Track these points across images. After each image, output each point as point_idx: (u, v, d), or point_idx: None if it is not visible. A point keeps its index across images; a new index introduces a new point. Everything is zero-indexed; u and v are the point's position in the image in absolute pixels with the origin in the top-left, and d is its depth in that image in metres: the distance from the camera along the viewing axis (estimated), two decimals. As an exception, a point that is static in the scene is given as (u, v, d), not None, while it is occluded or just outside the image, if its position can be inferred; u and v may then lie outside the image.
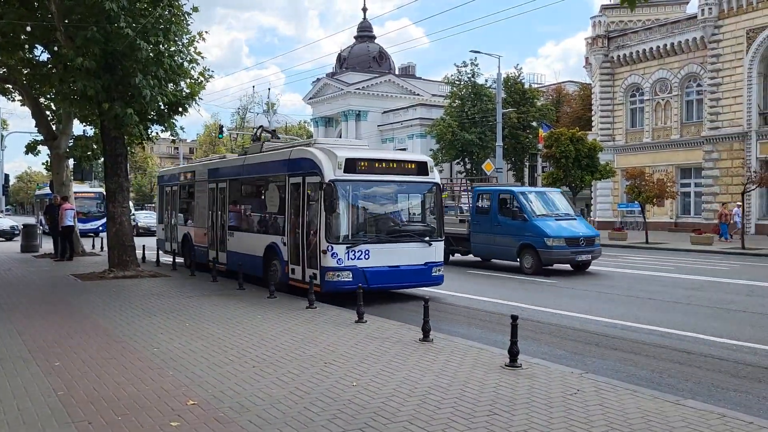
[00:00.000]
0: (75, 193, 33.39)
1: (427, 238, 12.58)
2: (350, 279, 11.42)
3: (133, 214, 41.73)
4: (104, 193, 34.34)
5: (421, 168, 12.68)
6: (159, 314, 10.49)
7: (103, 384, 6.40)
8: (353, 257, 11.54)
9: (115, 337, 8.65)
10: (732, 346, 8.83)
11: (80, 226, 30.25)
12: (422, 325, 8.45)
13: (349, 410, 5.61)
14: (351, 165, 11.76)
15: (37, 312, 10.70)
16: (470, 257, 20.73)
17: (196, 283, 14.78)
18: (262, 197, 14.48)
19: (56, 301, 12.09)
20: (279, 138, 17.57)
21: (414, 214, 13.30)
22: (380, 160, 12.32)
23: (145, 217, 41.74)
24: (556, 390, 6.22)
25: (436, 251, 12.62)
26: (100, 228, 36.08)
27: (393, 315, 10.67)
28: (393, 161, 12.55)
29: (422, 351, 7.84)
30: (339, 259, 11.44)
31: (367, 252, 11.70)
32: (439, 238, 12.81)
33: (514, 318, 7.13)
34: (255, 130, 17.30)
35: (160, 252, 20.55)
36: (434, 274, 12.66)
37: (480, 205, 19.71)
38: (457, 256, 20.99)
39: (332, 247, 11.37)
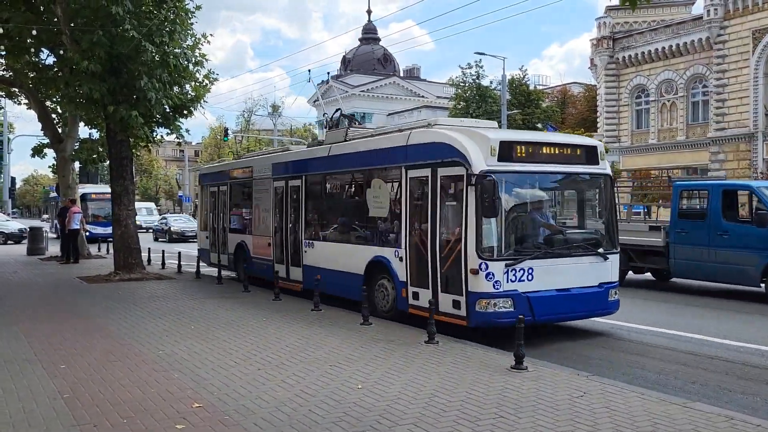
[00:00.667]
0: (91, 194, 33.52)
1: (601, 250, 9.45)
2: (510, 309, 8.43)
3: (164, 218, 40.88)
4: None
5: (591, 155, 9.59)
6: (164, 317, 10.50)
7: (108, 386, 6.41)
8: (513, 278, 8.56)
9: (121, 340, 8.66)
10: (738, 348, 8.78)
11: (99, 230, 30.28)
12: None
13: (354, 413, 5.60)
14: (507, 150, 8.72)
15: (42, 314, 10.73)
16: (647, 275, 15.97)
17: (201, 285, 14.79)
18: (360, 197, 11.48)
19: (62, 303, 12.12)
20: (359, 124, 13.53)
21: (582, 216, 10.37)
22: (545, 144, 9.30)
23: (178, 221, 39.20)
24: (562, 393, 6.19)
25: (611, 268, 9.53)
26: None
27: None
28: (560, 145, 9.49)
29: (428, 353, 7.81)
30: (496, 282, 8.39)
31: (530, 271, 8.67)
32: (615, 250, 9.68)
33: (519, 320, 7.10)
34: (332, 114, 14.09)
35: (201, 263, 17.21)
36: (611, 299, 9.47)
37: (686, 207, 14.99)
38: (634, 275, 15.84)
39: (486, 265, 8.34)
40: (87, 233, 27.44)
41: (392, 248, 10.05)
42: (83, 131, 23.78)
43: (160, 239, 36.92)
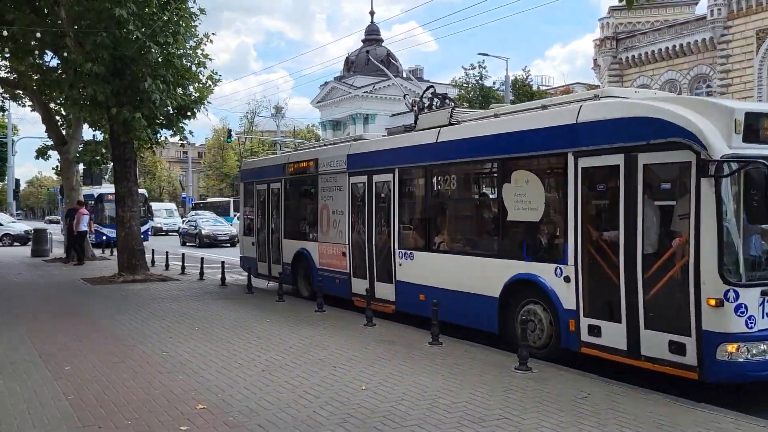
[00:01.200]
0: (107, 194, 33.09)
1: None
2: None
3: (192, 220, 35.13)
4: (146, 194, 33.74)
5: None
6: (168, 318, 10.51)
7: (112, 388, 6.41)
8: None
9: (125, 341, 8.67)
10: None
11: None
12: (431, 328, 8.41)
13: (359, 414, 5.59)
14: (756, 127, 6.25)
15: (47, 316, 10.75)
16: None
17: (204, 287, 14.80)
18: (491, 194, 9.22)
19: (66, 305, 12.14)
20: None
21: None
22: None
23: (208, 223, 33.89)
24: (567, 393, 6.18)
25: None
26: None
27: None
28: None
29: (431, 355, 7.80)
30: (750, 318, 5.99)
31: None
32: None
33: (524, 321, 7.09)
34: (421, 95, 11.38)
35: (246, 274, 14.56)
36: None
37: None
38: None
39: (736, 294, 5.91)
40: (104, 237, 27.39)
41: (550, 264, 7.60)
42: (87, 133, 23.87)
43: (188, 243, 32.94)
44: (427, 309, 8.93)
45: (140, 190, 35.24)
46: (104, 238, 27.34)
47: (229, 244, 31.46)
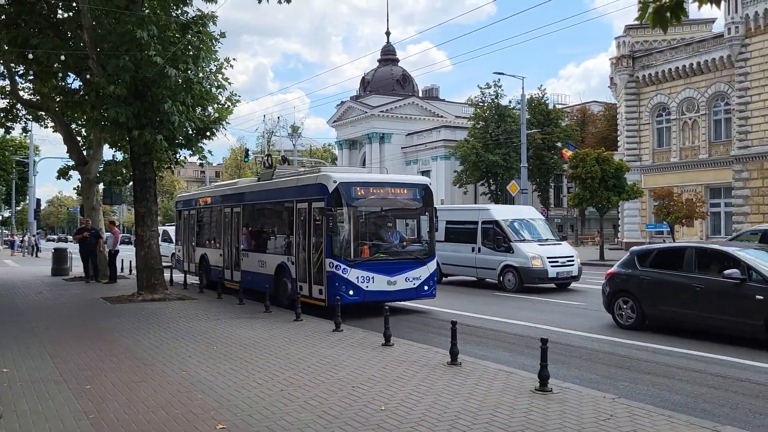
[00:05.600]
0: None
1: None
2: None
3: None
4: None
5: None
6: (187, 337, 10.55)
7: (133, 407, 6.44)
8: None
9: (145, 360, 8.72)
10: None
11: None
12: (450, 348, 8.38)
13: (378, 435, 5.56)
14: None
15: (68, 335, 10.84)
16: None
17: (222, 306, 14.85)
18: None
19: (86, 324, 12.23)
20: None
21: None
22: None
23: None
24: (589, 415, 6.10)
25: None
26: None
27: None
28: None
29: (451, 374, 7.76)
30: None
31: None
32: None
33: (544, 341, 7.04)
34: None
35: None
36: None
37: None
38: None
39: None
40: None
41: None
42: (107, 153, 24.18)
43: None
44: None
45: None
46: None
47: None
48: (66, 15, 18.31)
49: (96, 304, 15.23)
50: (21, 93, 22.59)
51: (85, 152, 23.24)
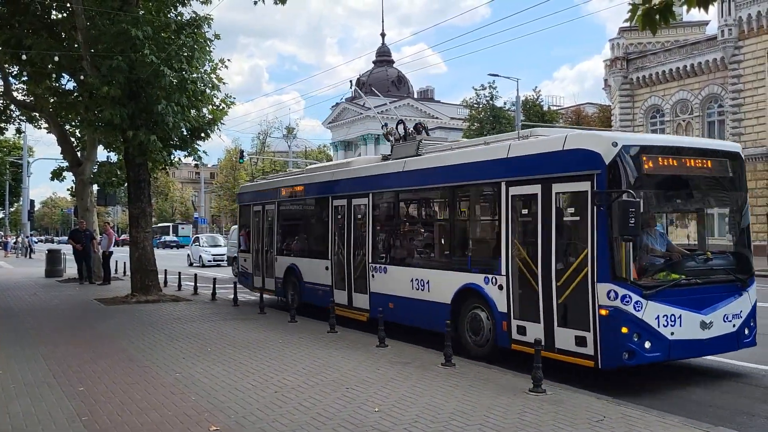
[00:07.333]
0: None
1: None
2: None
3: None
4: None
5: None
6: (181, 339, 10.53)
7: (126, 409, 6.43)
8: None
9: (138, 362, 8.70)
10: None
11: None
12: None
13: (372, 436, 5.56)
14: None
15: (61, 337, 10.80)
16: None
17: (217, 307, 14.83)
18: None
19: (80, 325, 12.20)
20: None
21: None
22: None
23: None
24: (582, 416, 6.12)
25: None
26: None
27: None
28: None
29: (444, 376, 7.76)
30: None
31: None
32: None
33: (537, 342, 7.05)
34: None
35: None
36: None
37: None
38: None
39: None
40: None
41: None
42: (102, 154, 24.18)
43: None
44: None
45: None
46: None
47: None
48: (60, 16, 18.32)
49: (90, 306, 15.19)
50: (15, 94, 22.56)
51: (79, 153, 23.18)
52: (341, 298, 12.22)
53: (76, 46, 16.72)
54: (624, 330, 7.13)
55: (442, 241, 10.55)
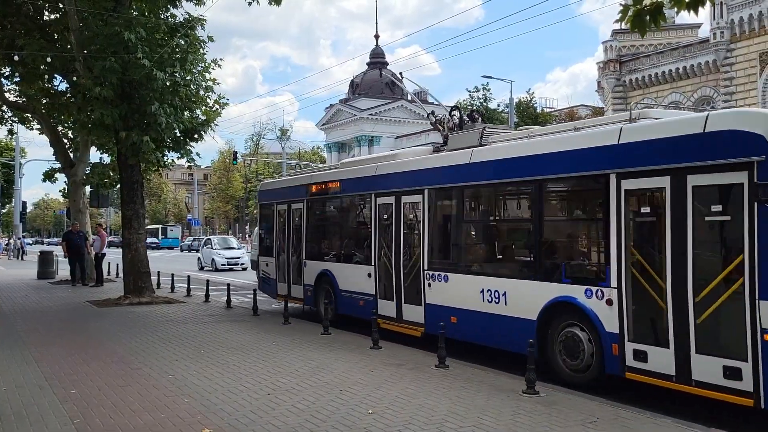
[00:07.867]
0: None
1: None
2: None
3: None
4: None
5: None
6: (174, 341, 10.49)
7: (119, 412, 6.40)
8: None
9: (131, 364, 8.66)
10: None
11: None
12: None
13: (366, 438, 5.55)
14: None
15: (53, 339, 10.74)
16: None
17: (210, 309, 14.78)
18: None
19: (73, 327, 12.13)
20: None
21: None
22: None
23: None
24: (575, 418, 6.13)
25: None
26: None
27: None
28: None
29: (438, 378, 7.77)
30: None
31: None
32: None
33: (531, 344, 7.06)
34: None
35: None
36: None
37: None
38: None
39: None
40: None
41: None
42: (94, 156, 24.11)
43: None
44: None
45: None
46: None
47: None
48: (53, 17, 18.23)
49: (82, 308, 15.11)
50: (7, 95, 22.44)
51: (71, 154, 23.09)
52: (388, 309, 10.82)
53: (68, 47, 16.66)
54: None
55: (524, 246, 9.06)
